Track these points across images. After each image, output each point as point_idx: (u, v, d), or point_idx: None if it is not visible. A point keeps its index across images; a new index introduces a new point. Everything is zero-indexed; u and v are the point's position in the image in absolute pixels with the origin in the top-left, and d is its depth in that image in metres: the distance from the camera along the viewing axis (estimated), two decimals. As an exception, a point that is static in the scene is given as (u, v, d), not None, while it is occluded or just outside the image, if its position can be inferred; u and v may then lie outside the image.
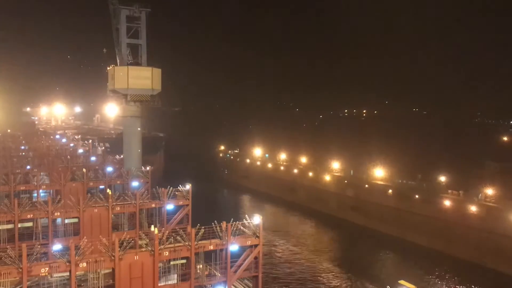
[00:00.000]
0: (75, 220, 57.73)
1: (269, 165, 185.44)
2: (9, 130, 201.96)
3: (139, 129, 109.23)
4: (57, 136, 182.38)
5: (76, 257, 37.82)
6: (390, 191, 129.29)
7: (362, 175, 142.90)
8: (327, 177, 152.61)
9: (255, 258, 46.28)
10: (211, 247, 44.17)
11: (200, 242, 43.33)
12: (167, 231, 43.88)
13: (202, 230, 43.49)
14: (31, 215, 56.58)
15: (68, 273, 38.40)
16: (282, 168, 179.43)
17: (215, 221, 44.84)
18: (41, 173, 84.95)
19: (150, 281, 41.44)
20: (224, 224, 44.65)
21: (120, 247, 39.77)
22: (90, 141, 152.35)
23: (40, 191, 75.61)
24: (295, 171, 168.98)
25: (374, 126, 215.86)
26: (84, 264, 38.38)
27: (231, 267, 45.03)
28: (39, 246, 38.77)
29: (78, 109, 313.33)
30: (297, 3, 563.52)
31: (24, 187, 74.48)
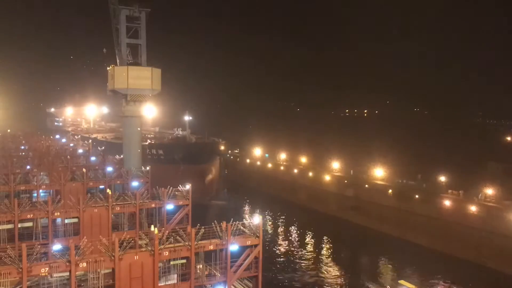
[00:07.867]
0: (75, 220, 57.81)
1: (269, 165, 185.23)
2: (9, 130, 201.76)
3: (139, 129, 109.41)
4: (57, 136, 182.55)
5: (76, 257, 37.83)
6: (390, 191, 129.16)
7: (362, 175, 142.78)
8: (327, 177, 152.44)
9: (255, 258, 46.31)
10: (211, 247, 44.17)
11: (200, 242, 43.32)
12: (167, 231, 43.89)
13: (202, 230, 43.51)
14: (31, 215, 56.67)
15: (68, 273, 38.40)
16: (282, 168, 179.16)
17: (215, 221, 44.85)
18: (41, 173, 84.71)
19: (150, 281, 41.46)
20: (224, 224, 44.66)
21: (120, 247, 39.79)
22: (90, 141, 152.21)
23: (40, 191, 75.49)
24: (295, 171, 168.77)
25: (375, 126, 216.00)
26: (84, 264, 38.38)
27: (231, 267, 45.04)
28: (39, 246, 38.74)
29: (105, 109, 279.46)
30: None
31: (24, 187, 74.32)
